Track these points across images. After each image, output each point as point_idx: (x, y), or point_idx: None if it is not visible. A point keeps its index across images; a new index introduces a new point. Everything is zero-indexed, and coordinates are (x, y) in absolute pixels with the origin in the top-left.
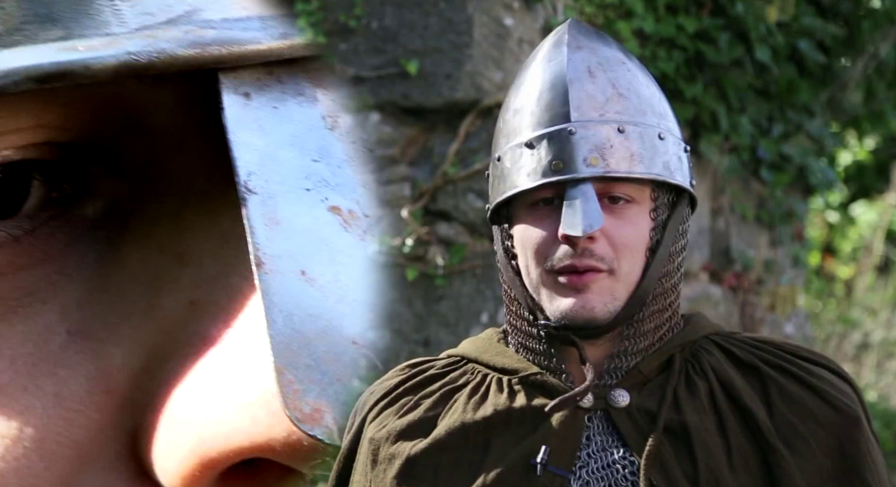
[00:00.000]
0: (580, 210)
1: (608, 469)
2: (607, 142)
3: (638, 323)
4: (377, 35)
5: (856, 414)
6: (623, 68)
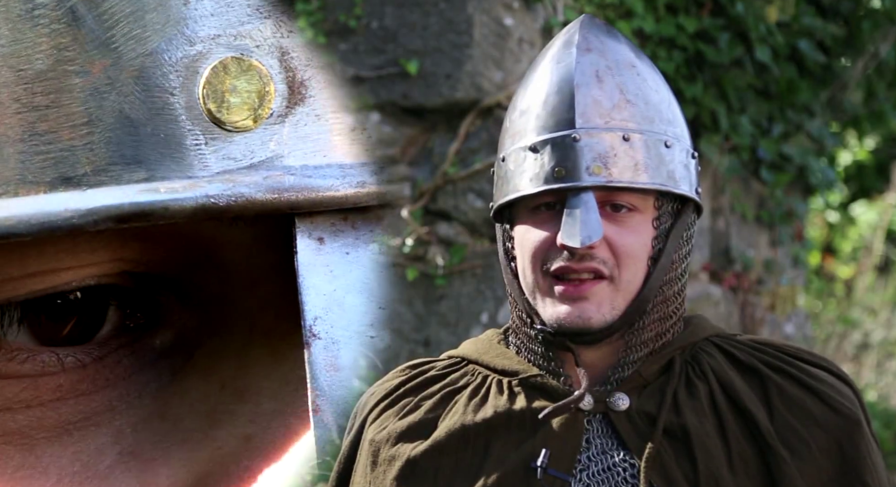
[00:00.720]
0: (580, 220)
1: (608, 472)
2: (611, 151)
3: (639, 331)
4: (377, 35)
5: (856, 417)
6: (632, 72)
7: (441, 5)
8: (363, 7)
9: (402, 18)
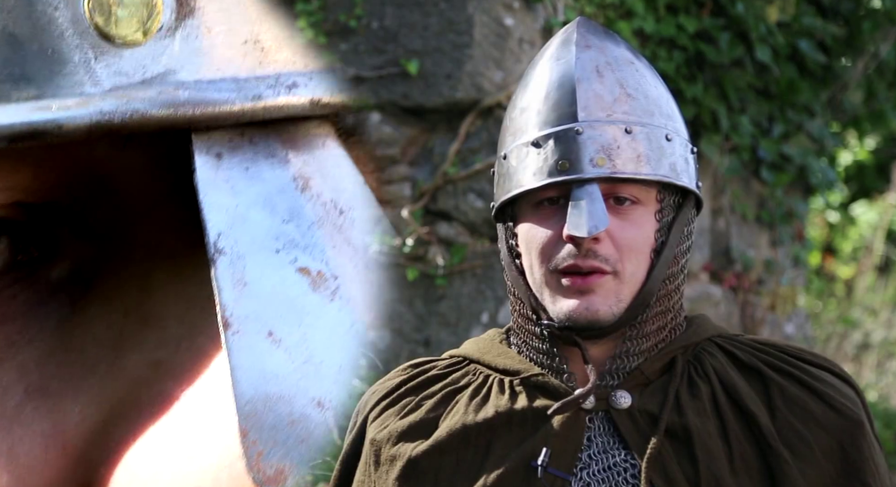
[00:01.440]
0: (585, 211)
1: (609, 471)
2: (614, 143)
3: (641, 324)
4: (377, 35)
5: (858, 418)
6: (631, 68)
7: (441, 5)
8: (363, 7)
9: (403, 18)
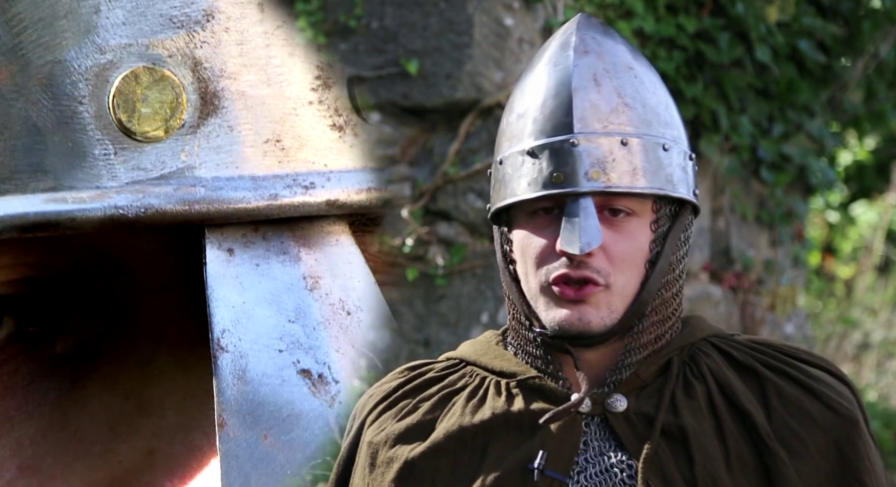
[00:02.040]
0: (579, 227)
1: (606, 473)
2: (609, 156)
3: (638, 334)
4: (377, 35)
5: (854, 417)
6: (630, 75)
7: (441, 5)
8: (363, 7)
9: (403, 18)
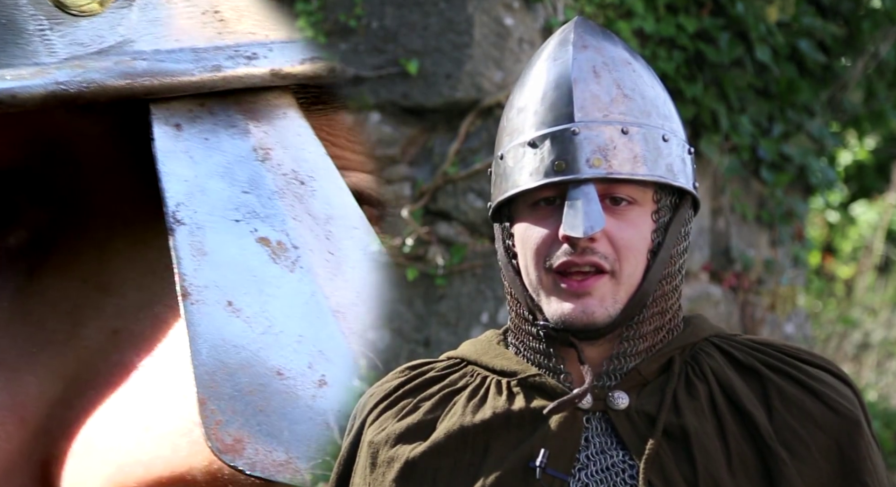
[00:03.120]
0: (581, 211)
1: (607, 471)
2: (611, 144)
3: (638, 324)
4: (377, 35)
5: (856, 418)
6: (628, 69)
7: (441, 5)
8: (363, 7)
9: (402, 18)
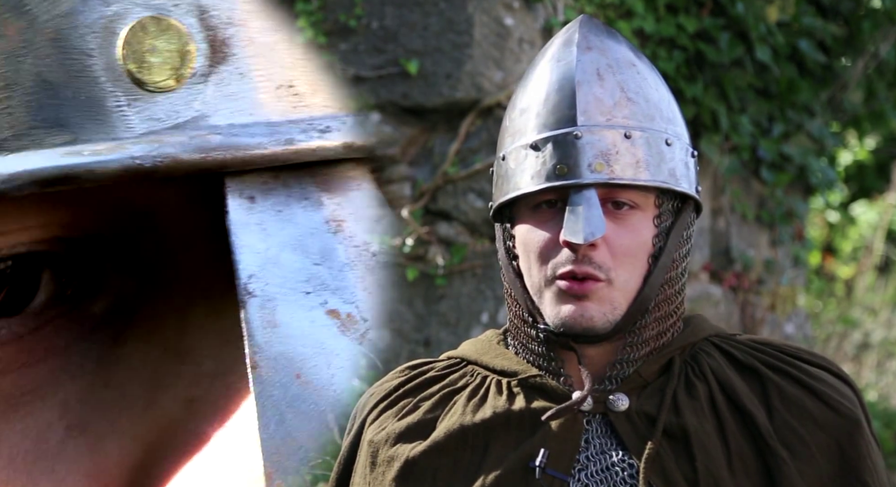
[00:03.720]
0: (582, 217)
1: (607, 472)
2: (613, 148)
3: (641, 329)
4: (377, 35)
5: (856, 417)
6: (633, 71)
7: (441, 5)
8: (363, 7)
9: (403, 18)
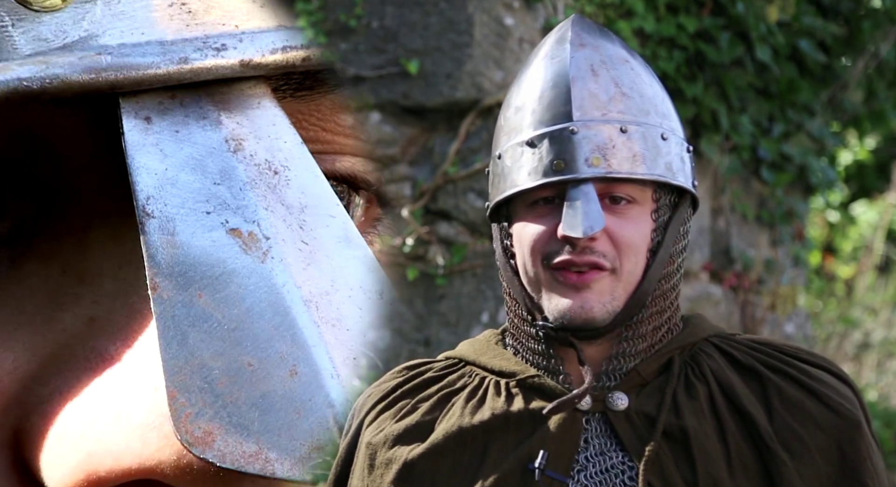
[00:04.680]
0: (581, 211)
1: (606, 473)
2: (609, 142)
3: (637, 324)
4: (377, 34)
5: (856, 418)
6: (626, 67)
7: (441, 5)
8: (363, 7)
9: (403, 18)
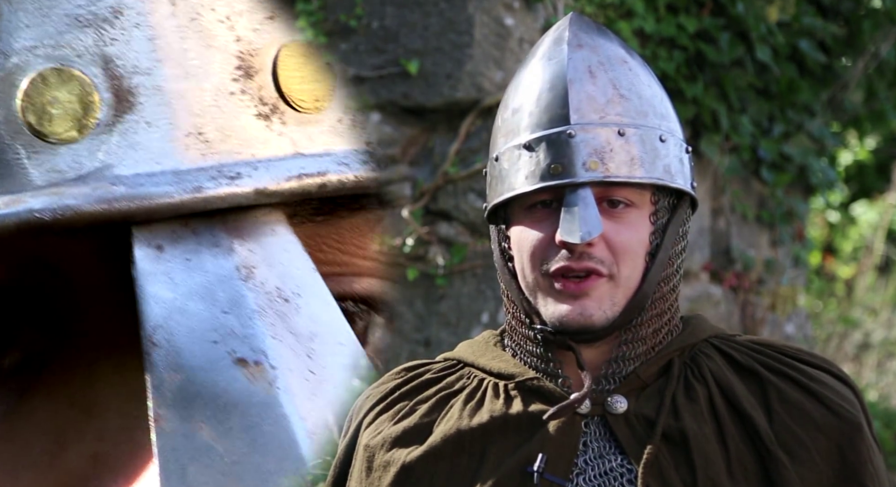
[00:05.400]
0: (578, 216)
1: (605, 476)
2: (607, 146)
3: (636, 327)
4: (377, 35)
5: (857, 420)
6: (625, 68)
7: (441, 5)
8: (363, 7)
9: (403, 18)
